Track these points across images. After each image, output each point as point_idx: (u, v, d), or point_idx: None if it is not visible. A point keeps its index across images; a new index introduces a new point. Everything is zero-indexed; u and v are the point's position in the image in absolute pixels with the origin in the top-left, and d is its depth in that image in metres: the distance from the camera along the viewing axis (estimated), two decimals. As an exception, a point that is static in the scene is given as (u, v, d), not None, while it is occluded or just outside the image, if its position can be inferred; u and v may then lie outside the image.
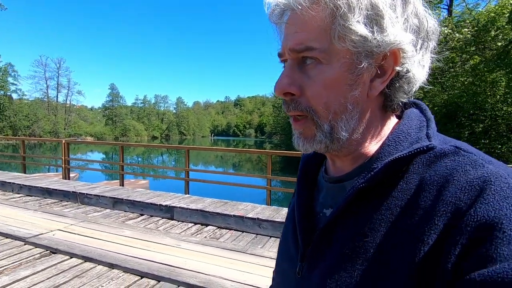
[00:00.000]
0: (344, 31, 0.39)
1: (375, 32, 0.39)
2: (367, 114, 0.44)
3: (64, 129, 49.44)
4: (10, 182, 5.87)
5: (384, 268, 0.36)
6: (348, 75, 0.40)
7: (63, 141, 6.89)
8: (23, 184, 5.71)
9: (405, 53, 0.41)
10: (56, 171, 9.63)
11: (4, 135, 36.79)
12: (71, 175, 7.36)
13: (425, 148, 0.39)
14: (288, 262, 0.53)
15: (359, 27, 0.38)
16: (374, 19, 0.39)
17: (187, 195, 5.27)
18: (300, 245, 0.49)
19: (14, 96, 44.43)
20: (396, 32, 0.39)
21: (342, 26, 0.38)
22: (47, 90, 51.80)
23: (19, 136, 37.98)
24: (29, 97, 47.51)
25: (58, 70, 54.03)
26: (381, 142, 0.45)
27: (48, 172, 10.45)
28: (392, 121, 0.47)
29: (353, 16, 0.38)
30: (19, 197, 5.46)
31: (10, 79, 42.09)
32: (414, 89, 0.44)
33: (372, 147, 0.45)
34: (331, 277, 0.42)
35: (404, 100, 0.46)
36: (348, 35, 0.39)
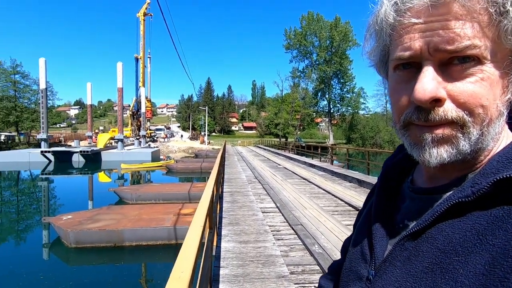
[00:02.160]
0: None
1: None
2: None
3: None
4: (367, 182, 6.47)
5: None
6: (507, 77, 0.37)
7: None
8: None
9: None
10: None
11: (355, 145, 46.60)
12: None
13: None
14: (358, 266, 0.50)
15: None
16: None
17: None
18: (375, 252, 0.46)
19: (361, 112, 55.01)
20: None
21: None
22: (385, 104, 58.66)
23: (365, 146, 46.17)
24: (372, 112, 56.58)
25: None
26: (489, 156, 0.41)
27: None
28: (505, 134, 0.43)
29: None
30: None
31: (361, 100, 52.78)
32: None
33: (483, 160, 0.41)
34: None
35: None
36: None
